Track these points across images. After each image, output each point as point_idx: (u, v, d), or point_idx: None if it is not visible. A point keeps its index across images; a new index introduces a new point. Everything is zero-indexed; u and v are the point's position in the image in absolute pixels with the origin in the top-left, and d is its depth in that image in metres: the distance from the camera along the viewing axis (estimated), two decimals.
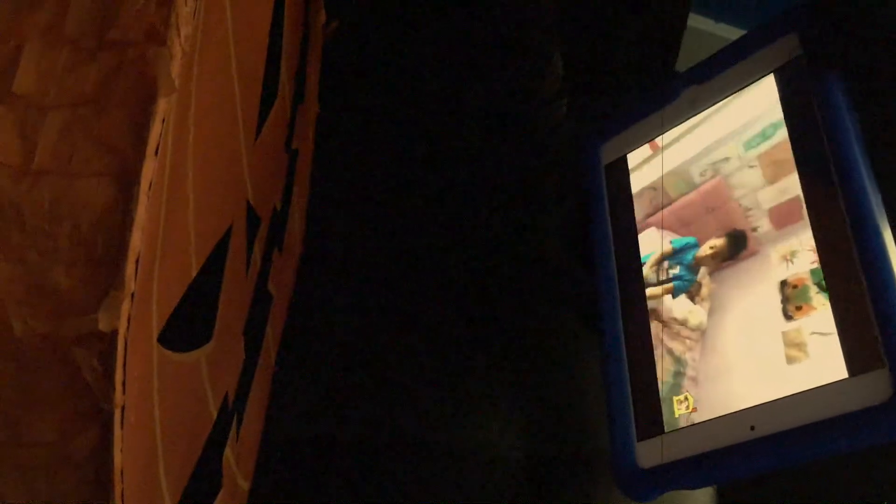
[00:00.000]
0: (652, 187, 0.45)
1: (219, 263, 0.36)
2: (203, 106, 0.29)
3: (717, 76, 0.45)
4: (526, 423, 0.50)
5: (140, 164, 0.24)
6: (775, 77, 0.42)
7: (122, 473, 0.24)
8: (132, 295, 0.23)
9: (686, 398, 0.39)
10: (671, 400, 0.39)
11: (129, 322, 0.23)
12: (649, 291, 0.43)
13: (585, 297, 0.47)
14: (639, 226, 0.45)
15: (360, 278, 0.54)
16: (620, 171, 0.48)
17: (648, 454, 0.39)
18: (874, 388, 0.31)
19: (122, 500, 0.25)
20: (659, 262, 0.43)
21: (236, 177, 0.38)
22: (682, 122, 0.46)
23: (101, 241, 0.23)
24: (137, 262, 0.24)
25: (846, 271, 0.34)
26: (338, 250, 0.55)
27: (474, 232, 0.54)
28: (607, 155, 0.49)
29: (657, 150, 0.46)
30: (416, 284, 0.53)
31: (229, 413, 0.41)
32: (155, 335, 0.27)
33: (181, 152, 0.28)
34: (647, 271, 0.43)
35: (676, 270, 0.42)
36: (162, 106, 0.25)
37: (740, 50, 0.44)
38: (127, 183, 0.24)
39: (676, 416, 0.38)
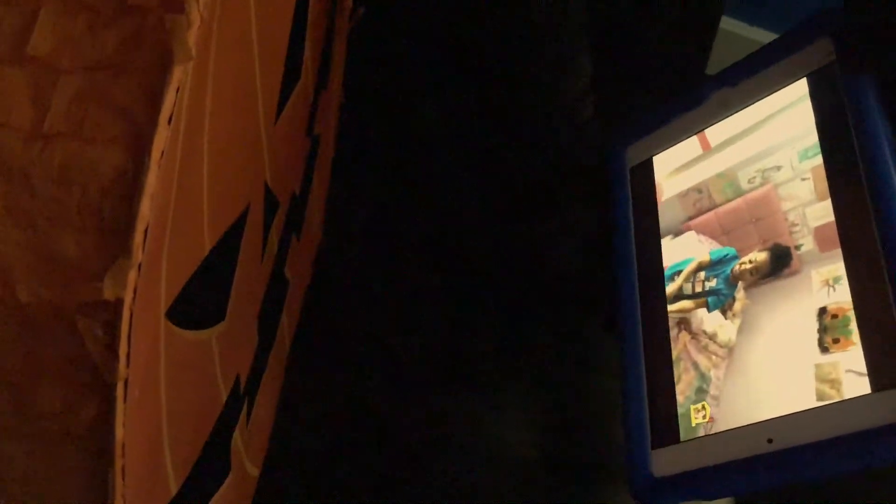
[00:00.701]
0: (697, 189, 0.43)
1: (234, 243, 0.36)
2: (221, 78, 0.29)
3: (748, 80, 0.43)
4: (543, 424, 0.49)
5: (153, 131, 0.23)
6: (807, 82, 0.40)
7: (123, 448, 0.24)
8: (139, 265, 0.23)
9: (704, 408, 0.38)
10: (689, 409, 0.38)
11: (135, 292, 0.23)
12: (682, 304, 0.42)
13: (607, 301, 0.46)
14: (680, 228, 0.44)
15: (377, 276, 0.53)
16: (646, 174, 0.47)
17: (663, 463, 0.38)
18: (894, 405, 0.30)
19: (123, 476, 0.24)
20: (695, 272, 0.42)
21: (255, 156, 0.38)
22: (709, 126, 0.45)
23: (109, 209, 0.23)
24: (146, 231, 0.23)
25: (875, 287, 0.33)
26: (355, 244, 0.54)
27: (494, 231, 0.53)
28: (633, 157, 0.48)
29: (709, 151, 0.45)
30: (432, 284, 0.52)
31: (240, 397, 0.40)
32: (163, 309, 0.26)
33: (197, 124, 0.27)
34: (682, 281, 0.42)
35: (713, 283, 0.40)
36: (177, 74, 0.24)
37: (772, 53, 0.43)
38: (138, 150, 0.23)
39: (693, 425, 0.37)
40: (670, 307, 0.42)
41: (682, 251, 0.43)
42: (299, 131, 0.47)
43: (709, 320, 0.40)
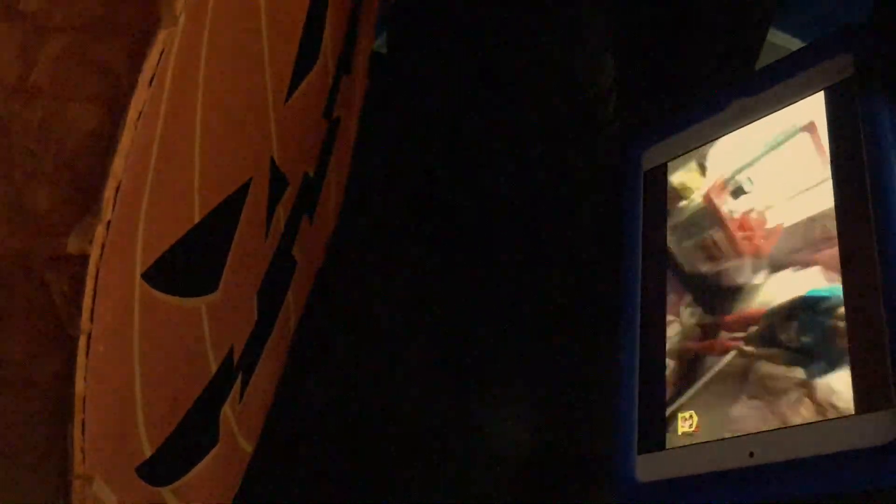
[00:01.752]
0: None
1: (231, 215, 0.36)
2: (219, 48, 0.29)
3: (767, 90, 0.42)
4: (536, 422, 0.48)
5: (132, 92, 0.24)
6: (824, 96, 0.39)
7: (83, 402, 0.24)
8: (108, 222, 0.23)
9: (691, 416, 0.37)
10: (677, 417, 0.38)
11: (102, 249, 0.23)
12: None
13: (611, 301, 0.45)
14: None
15: (388, 268, 0.53)
16: (660, 179, 0.46)
17: (647, 468, 0.38)
18: (879, 428, 0.30)
19: (83, 430, 0.24)
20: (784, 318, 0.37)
21: (260, 132, 0.38)
22: (725, 135, 0.44)
23: (83, 165, 0.23)
24: (118, 190, 0.23)
25: (869, 307, 0.32)
26: (368, 232, 0.54)
27: (504, 222, 0.53)
28: (648, 161, 0.47)
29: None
30: (438, 277, 0.52)
31: (233, 371, 0.41)
32: (139, 270, 0.26)
33: (187, 91, 0.28)
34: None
35: (808, 337, 0.35)
36: (161, 37, 0.24)
37: (793, 64, 0.42)
38: (117, 110, 0.24)
39: (679, 433, 0.37)
40: (670, 315, 0.41)
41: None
42: (315, 113, 0.47)
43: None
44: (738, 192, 0.42)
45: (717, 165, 0.44)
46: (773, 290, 0.37)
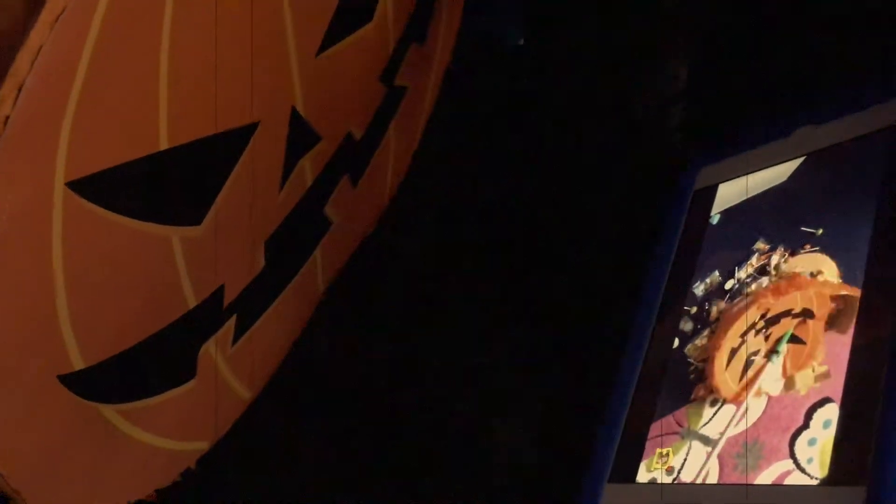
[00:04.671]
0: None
1: (222, 153, 0.36)
2: None
3: (834, 121, 0.38)
4: (540, 427, 0.46)
5: None
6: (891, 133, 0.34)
7: None
8: (6, 118, 0.24)
9: (668, 454, 0.34)
10: (656, 452, 0.35)
11: None
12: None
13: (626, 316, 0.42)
14: None
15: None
16: (706, 201, 0.42)
17: (612, 498, 0.35)
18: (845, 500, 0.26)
19: None
20: None
21: (273, 76, 0.38)
22: (784, 162, 0.39)
23: None
24: (20, 89, 0.24)
25: (867, 383, 0.29)
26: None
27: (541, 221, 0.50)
28: (701, 180, 0.43)
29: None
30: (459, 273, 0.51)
31: (221, 311, 0.41)
32: (60, 177, 0.27)
33: (147, 14, 0.28)
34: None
35: None
36: None
37: (862, 98, 0.37)
38: (34, 7, 0.24)
39: (652, 469, 0.34)
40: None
41: None
42: (365, 75, 0.46)
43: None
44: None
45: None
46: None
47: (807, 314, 0.33)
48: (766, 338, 0.34)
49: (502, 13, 0.58)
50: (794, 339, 0.32)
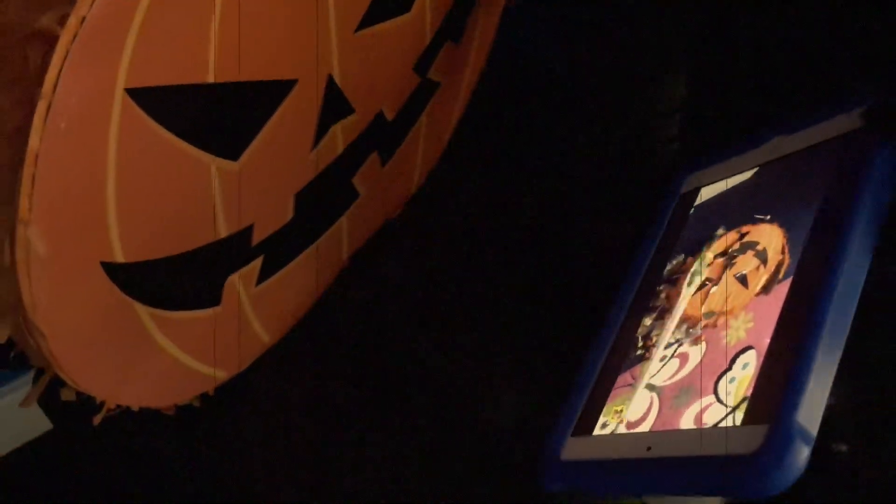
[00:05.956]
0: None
1: (261, 100, 0.41)
2: None
3: (803, 130, 0.42)
4: (532, 403, 0.49)
5: None
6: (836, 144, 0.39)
7: (36, 158, 0.30)
8: (83, 18, 0.29)
9: (622, 410, 0.38)
10: (611, 409, 0.39)
11: (74, 38, 0.29)
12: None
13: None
14: None
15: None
16: (688, 202, 0.47)
17: (571, 449, 0.39)
18: (751, 440, 0.30)
19: (33, 183, 0.30)
20: None
21: (311, 42, 0.42)
22: (757, 167, 0.44)
23: None
24: None
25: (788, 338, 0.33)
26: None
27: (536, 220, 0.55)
28: (688, 184, 0.48)
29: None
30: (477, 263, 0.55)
31: (249, 247, 0.45)
32: (121, 83, 0.32)
33: None
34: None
35: None
36: None
37: (829, 109, 0.41)
38: None
39: (605, 422, 0.39)
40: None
41: None
42: (400, 61, 0.51)
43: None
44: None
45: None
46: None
47: (762, 258, 0.37)
48: (728, 267, 0.38)
49: (534, 25, 0.63)
50: (743, 281, 0.36)
